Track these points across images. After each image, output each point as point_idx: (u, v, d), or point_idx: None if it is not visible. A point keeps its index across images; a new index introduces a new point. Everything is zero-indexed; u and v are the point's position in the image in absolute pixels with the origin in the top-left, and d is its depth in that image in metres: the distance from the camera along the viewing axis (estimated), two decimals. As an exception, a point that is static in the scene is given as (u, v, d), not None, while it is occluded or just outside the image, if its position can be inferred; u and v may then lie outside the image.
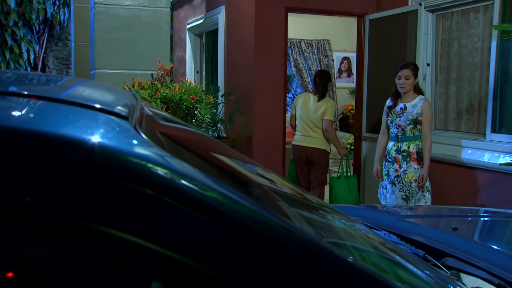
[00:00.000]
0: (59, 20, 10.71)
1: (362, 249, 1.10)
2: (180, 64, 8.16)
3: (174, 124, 1.38)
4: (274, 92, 5.43)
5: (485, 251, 1.79)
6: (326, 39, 9.97)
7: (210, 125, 5.38)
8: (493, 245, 1.98)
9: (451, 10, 4.75)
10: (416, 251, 1.54)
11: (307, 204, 1.28)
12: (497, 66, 4.22)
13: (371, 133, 5.31)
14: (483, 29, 4.47)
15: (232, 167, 1.23)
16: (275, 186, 1.29)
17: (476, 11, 4.52)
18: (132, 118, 0.91)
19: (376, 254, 1.14)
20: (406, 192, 4.08)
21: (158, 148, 0.85)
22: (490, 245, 1.96)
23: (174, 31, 8.53)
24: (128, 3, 4.90)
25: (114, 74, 4.89)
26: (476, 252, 1.71)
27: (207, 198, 0.83)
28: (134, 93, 1.26)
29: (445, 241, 1.78)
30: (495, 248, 1.91)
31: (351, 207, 2.72)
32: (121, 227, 0.79)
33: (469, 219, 2.49)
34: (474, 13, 4.55)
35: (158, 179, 0.80)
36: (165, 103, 4.61)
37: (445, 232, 1.97)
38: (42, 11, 10.42)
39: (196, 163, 0.99)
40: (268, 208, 0.93)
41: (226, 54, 6.24)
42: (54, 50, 11.08)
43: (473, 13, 4.56)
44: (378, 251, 1.19)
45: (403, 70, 4.10)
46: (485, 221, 2.49)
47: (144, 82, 4.81)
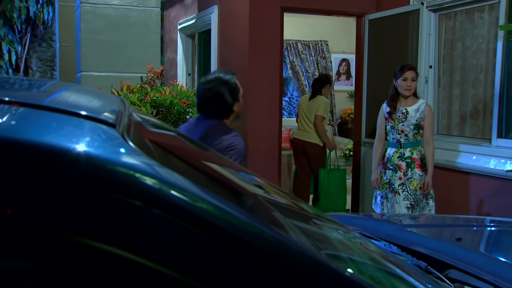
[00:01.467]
0: (42, 19, 10.69)
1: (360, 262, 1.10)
2: (171, 66, 8.16)
3: (164, 131, 1.38)
4: (269, 96, 5.44)
5: (491, 263, 1.79)
6: (324, 40, 10.00)
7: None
8: (500, 257, 1.99)
9: (454, 10, 4.78)
10: (418, 263, 1.54)
11: (302, 215, 1.28)
12: (503, 68, 4.23)
13: (371, 139, 5.32)
14: (488, 29, 4.49)
15: (224, 176, 1.24)
16: (269, 196, 1.29)
17: (481, 11, 4.54)
18: (119, 126, 0.91)
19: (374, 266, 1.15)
20: (411, 200, 4.08)
21: (146, 157, 0.85)
22: (496, 257, 1.97)
23: (165, 32, 8.54)
24: (115, 2, 4.91)
25: (101, 77, 4.89)
26: (481, 264, 1.71)
27: (197, 209, 0.83)
28: (122, 98, 1.26)
29: (448, 252, 1.79)
30: (501, 260, 1.92)
31: (350, 216, 2.72)
32: (108, 240, 0.79)
33: (474, 229, 2.50)
34: (479, 13, 4.57)
35: (146, 189, 0.80)
36: (155, 107, 4.61)
37: (449, 243, 1.97)
38: (24, 10, 10.40)
39: (186, 173, 1.00)
40: (261, 220, 0.93)
41: (219, 56, 6.24)
42: (37, 51, 11.06)
43: (477, 13, 4.59)
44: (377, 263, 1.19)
45: (409, 72, 4.09)
46: (491, 231, 2.49)
47: (133, 86, 4.81)
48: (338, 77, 10.29)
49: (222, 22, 6.14)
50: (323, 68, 9.94)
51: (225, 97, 2.65)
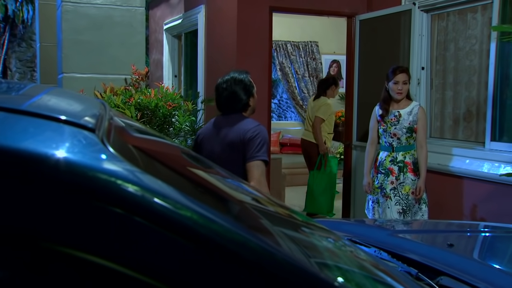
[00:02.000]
0: (22, 18, 10.62)
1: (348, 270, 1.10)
2: (156, 67, 8.14)
3: (148, 136, 1.38)
4: (258, 98, 5.41)
5: (484, 269, 1.80)
6: (314, 41, 10.04)
7: (189, 133, 5.36)
8: (493, 263, 2.00)
9: (447, 10, 4.81)
10: (408, 270, 1.55)
11: (290, 222, 1.28)
12: (497, 70, 4.27)
13: (362, 142, 5.34)
14: (481, 30, 4.53)
15: (210, 183, 1.23)
16: (256, 203, 1.29)
17: (474, 11, 4.58)
18: (99, 130, 0.91)
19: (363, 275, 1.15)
20: (403, 205, 4.09)
21: (127, 163, 0.85)
22: (489, 263, 1.98)
23: (150, 32, 8.52)
24: (99, 1, 4.89)
25: (84, 78, 4.86)
26: (474, 271, 1.72)
27: (181, 217, 0.83)
28: (103, 101, 1.25)
29: (440, 258, 1.79)
30: (494, 267, 1.93)
31: (340, 221, 2.73)
32: (88, 248, 0.79)
33: (467, 234, 2.51)
34: (471, 13, 4.61)
35: (127, 197, 0.80)
36: (140, 110, 4.58)
37: (441, 249, 1.98)
38: (2, 8, 10.32)
39: (170, 179, 0.99)
40: (247, 228, 0.93)
41: (206, 57, 6.24)
42: (16, 51, 10.98)
43: (470, 13, 4.62)
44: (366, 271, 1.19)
45: (401, 75, 4.11)
46: (484, 237, 2.51)
47: (117, 88, 4.78)
48: (329, 78, 10.31)
49: (209, 22, 6.14)
50: (313, 70, 9.98)
51: (240, 94, 3.08)
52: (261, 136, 2.96)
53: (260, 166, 2.92)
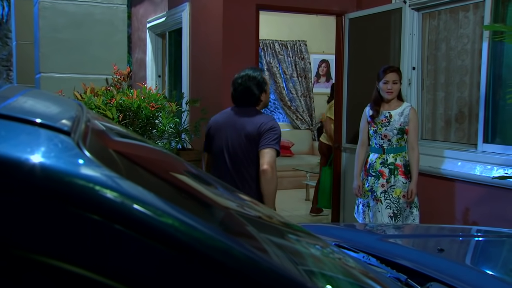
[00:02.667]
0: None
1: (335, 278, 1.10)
2: (139, 67, 8.11)
3: (129, 139, 1.37)
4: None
5: (475, 275, 1.82)
6: (302, 40, 10.06)
7: (173, 135, 5.35)
8: (485, 269, 2.01)
9: (438, 9, 4.84)
10: (398, 276, 1.55)
11: (276, 229, 1.28)
12: (489, 70, 4.30)
13: (352, 144, 5.36)
14: (473, 29, 4.56)
15: (193, 189, 1.23)
16: (241, 209, 1.28)
17: (466, 10, 4.62)
18: (74, 133, 0.90)
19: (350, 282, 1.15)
20: (393, 209, 4.10)
21: (104, 168, 0.84)
22: (481, 269, 1.99)
23: (133, 31, 8.49)
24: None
25: (63, 78, 4.82)
26: (465, 277, 1.73)
27: (162, 224, 0.83)
28: (80, 103, 1.24)
29: (430, 264, 1.80)
30: (486, 272, 1.94)
31: (329, 226, 2.73)
32: (65, 257, 0.78)
33: (459, 239, 2.53)
34: (463, 12, 4.65)
35: (105, 203, 0.79)
36: (122, 112, 4.56)
37: (431, 254, 1.99)
38: (-23, 5, 10.23)
39: (151, 185, 0.99)
40: (231, 235, 0.92)
41: (191, 56, 6.23)
42: (-8, 50, 10.88)
43: (462, 12, 4.66)
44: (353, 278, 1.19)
45: (391, 74, 4.13)
46: (477, 241, 2.53)
47: (98, 88, 4.75)
48: (318, 79, 10.35)
49: (194, 21, 6.13)
50: (301, 70, 10.00)
51: (253, 89, 3.50)
52: (278, 131, 3.40)
53: (273, 153, 3.32)
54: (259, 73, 3.56)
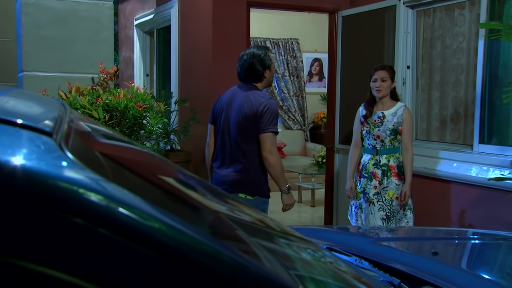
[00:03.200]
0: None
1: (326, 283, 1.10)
2: (126, 66, 8.09)
3: (114, 141, 1.36)
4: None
5: (471, 279, 1.82)
6: (295, 38, 10.07)
7: (161, 136, 5.35)
8: (481, 272, 2.02)
9: (433, 6, 4.86)
10: (391, 279, 1.56)
11: (267, 233, 1.28)
12: (485, 69, 4.32)
13: (345, 145, 5.37)
14: (469, 27, 4.58)
15: (181, 192, 1.22)
16: (231, 212, 1.28)
17: (461, 7, 4.64)
18: (56, 134, 0.89)
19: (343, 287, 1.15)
20: (386, 211, 4.11)
21: (88, 170, 0.84)
22: (476, 273, 2.00)
23: (120, 28, 8.46)
24: (62, -6, 4.84)
25: (47, 77, 4.80)
26: (460, 280, 1.74)
27: (148, 228, 0.82)
28: (63, 102, 1.23)
29: (424, 267, 1.81)
30: (482, 276, 1.95)
31: (321, 229, 2.73)
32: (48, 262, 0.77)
33: (454, 242, 2.53)
34: (459, 9, 4.67)
35: (89, 207, 0.79)
36: (108, 112, 4.55)
37: (425, 258, 2.00)
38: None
39: (137, 188, 0.98)
40: (219, 239, 0.92)
41: (180, 54, 6.22)
42: (-25, 48, 10.80)
43: (458, 9, 4.68)
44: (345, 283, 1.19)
45: (379, 72, 4.15)
46: (473, 244, 2.53)
47: (83, 87, 4.74)
48: (310, 78, 10.37)
49: (183, 18, 6.12)
50: (293, 69, 10.01)
51: (256, 66, 3.72)
52: (271, 110, 3.58)
53: (270, 138, 3.55)
54: (264, 51, 3.79)
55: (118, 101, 4.58)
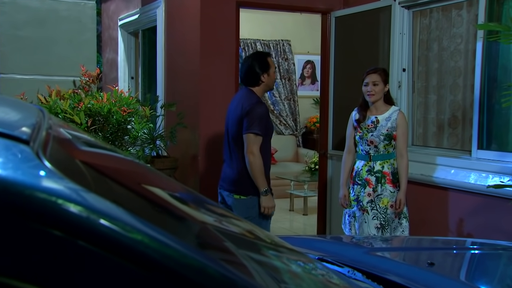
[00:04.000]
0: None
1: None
2: (110, 68, 8.07)
3: (96, 148, 1.36)
4: (224, 103, 5.41)
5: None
6: (286, 39, 10.09)
7: (146, 142, 5.33)
8: (479, 284, 2.03)
9: (430, 6, 4.89)
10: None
11: (257, 245, 1.27)
12: (483, 71, 4.34)
13: (338, 151, 5.38)
14: (467, 28, 4.61)
15: (166, 202, 1.22)
16: (218, 224, 1.28)
17: (459, 8, 4.66)
18: (34, 142, 0.89)
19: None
20: (380, 220, 4.11)
21: (67, 180, 0.83)
22: (475, 285, 2.00)
23: (103, 29, 8.45)
24: (41, -8, 4.82)
25: (25, 80, 4.77)
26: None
27: (131, 241, 0.82)
28: (41, 107, 1.23)
29: (420, 279, 1.81)
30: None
31: (314, 239, 2.73)
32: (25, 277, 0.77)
33: (452, 252, 2.54)
34: (456, 10, 4.69)
35: (68, 218, 0.78)
36: (91, 117, 4.53)
37: (421, 268, 2.00)
38: None
39: (120, 198, 0.98)
40: (206, 252, 0.92)
41: (166, 56, 6.21)
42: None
43: (455, 10, 4.70)
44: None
45: (370, 75, 4.16)
46: (471, 254, 2.54)
47: (64, 91, 4.71)
48: (302, 81, 10.39)
49: (170, 18, 6.12)
50: (285, 71, 10.03)
51: (255, 68, 3.95)
52: (254, 112, 3.82)
53: (251, 139, 3.80)
54: (263, 55, 4.05)
55: (101, 106, 4.56)
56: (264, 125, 3.86)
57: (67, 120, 4.33)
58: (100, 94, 4.78)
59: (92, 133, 4.55)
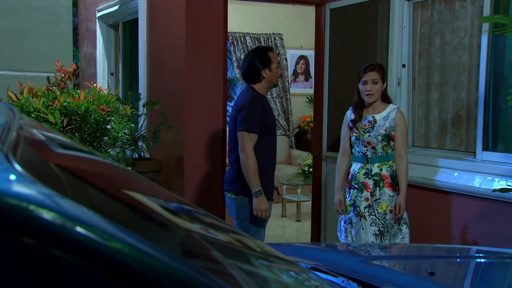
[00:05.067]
0: None
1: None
2: (88, 63, 8.04)
3: (72, 151, 1.35)
4: (211, 101, 5.43)
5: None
6: (277, 33, 10.10)
7: (127, 143, 5.31)
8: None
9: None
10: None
11: (247, 254, 1.27)
12: (489, 67, 4.35)
13: (334, 152, 5.38)
14: (471, 21, 4.62)
15: (148, 208, 1.22)
16: (204, 232, 1.28)
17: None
18: (3, 144, 0.88)
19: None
20: (379, 226, 4.11)
21: (39, 185, 0.83)
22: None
23: (80, 21, 8.42)
24: (11, -19, 4.80)
25: (-6, 76, 4.75)
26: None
27: (109, 250, 0.82)
28: (11, 106, 1.22)
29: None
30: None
31: (307, 247, 2.74)
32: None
33: (456, 260, 2.55)
34: (460, 1, 4.71)
35: (41, 226, 0.78)
36: (67, 116, 4.51)
37: (420, 278, 2.01)
38: None
39: (98, 205, 0.98)
40: (191, 262, 0.92)
41: (149, 51, 6.20)
42: None
43: (459, 1, 4.72)
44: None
45: (369, 73, 4.15)
46: (476, 263, 2.55)
47: (37, 88, 4.69)
48: (295, 77, 10.40)
49: (153, 10, 6.10)
50: (277, 66, 10.03)
51: (255, 63, 4.06)
52: (245, 109, 3.96)
53: (244, 136, 3.93)
54: (264, 50, 4.18)
55: (78, 104, 4.54)
56: (259, 122, 3.95)
57: (41, 120, 4.31)
58: (76, 92, 4.76)
59: (68, 134, 4.53)
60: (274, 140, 4.20)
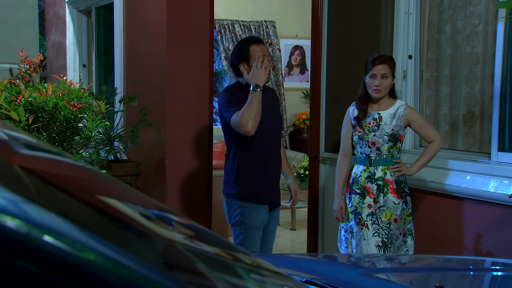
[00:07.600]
0: None
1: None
2: (57, 54, 8.03)
3: (40, 152, 1.36)
4: (195, 95, 5.43)
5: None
6: (270, 20, 10.12)
7: (102, 143, 5.31)
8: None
9: (441, -19, 4.92)
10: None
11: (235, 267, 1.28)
12: (505, 58, 4.35)
13: (333, 153, 5.39)
14: (486, 7, 4.63)
15: (124, 215, 1.22)
16: (188, 241, 1.28)
17: (475, -17, 4.70)
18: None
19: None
20: (383, 237, 4.11)
21: (2, 189, 0.83)
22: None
23: (47, 5, 8.40)
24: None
25: (-51, 68, 4.74)
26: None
27: (81, 261, 0.82)
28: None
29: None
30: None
31: (303, 258, 2.75)
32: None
33: (470, 273, 2.56)
34: (472, -14, 4.73)
35: (3, 234, 0.78)
36: (32, 113, 4.51)
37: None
38: None
39: (68, 211, 0.98)
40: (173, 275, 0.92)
41: (126, 40, 6.19)
42: None
43: (471, -14, 4.74)
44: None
45: (379, 67, 4.13)
46: (492, 276, 2.56)
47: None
48: (289, 70, 10.42)
49: (129, -6, 6.10)
50: (269, 58, 10.04)
51: (232, 58, 4.21)
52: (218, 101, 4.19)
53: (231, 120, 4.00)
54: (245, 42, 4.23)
55: (46, 99, 4.54)
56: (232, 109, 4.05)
57: (3, 117, 4.30)
58: (44, 86, 4.75)
59: (34, 132, 4.52)
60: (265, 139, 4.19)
